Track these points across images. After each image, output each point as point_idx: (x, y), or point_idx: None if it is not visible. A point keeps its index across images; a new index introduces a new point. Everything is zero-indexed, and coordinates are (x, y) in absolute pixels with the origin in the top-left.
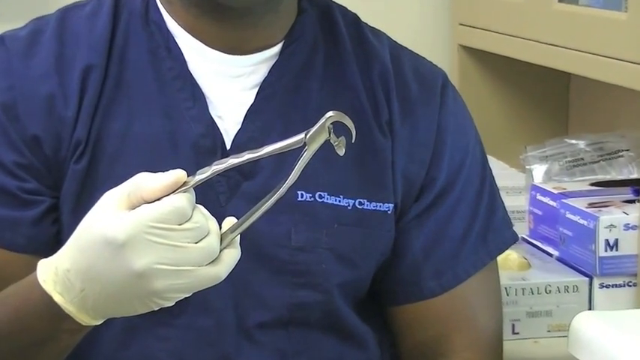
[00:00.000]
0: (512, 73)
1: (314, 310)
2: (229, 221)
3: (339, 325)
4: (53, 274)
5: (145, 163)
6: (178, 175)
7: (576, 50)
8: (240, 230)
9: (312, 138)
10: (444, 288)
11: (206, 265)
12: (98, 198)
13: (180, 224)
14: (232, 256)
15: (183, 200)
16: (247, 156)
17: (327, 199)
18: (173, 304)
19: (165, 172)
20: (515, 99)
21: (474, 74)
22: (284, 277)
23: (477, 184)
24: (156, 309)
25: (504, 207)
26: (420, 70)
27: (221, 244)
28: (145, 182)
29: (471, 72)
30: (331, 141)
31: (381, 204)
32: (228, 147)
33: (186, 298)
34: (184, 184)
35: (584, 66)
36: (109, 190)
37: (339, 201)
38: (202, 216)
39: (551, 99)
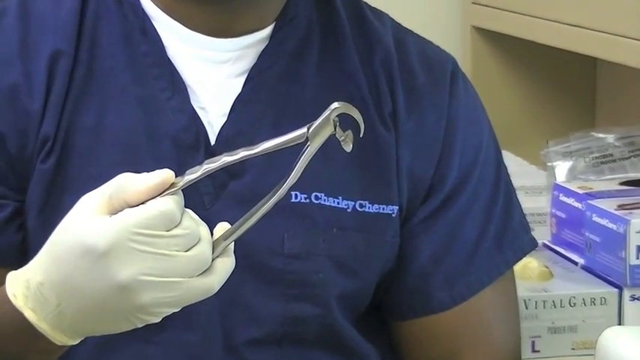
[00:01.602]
0: (531, 58)
1: (310, 325)
2: (222, 227)
3: (338, 342)
4: (24, 287)
5: (120, 161)
6: (165, 175)
7: (604, 32)
8: (234, 237)
9: (316, 132)
10: (455, 300)
11: (197, 275)
12: (68, 201)
13: (168, 230)
14: (226, 265)
15: (170, 204)
16: (242, 153)
17: (325, 200)
18: (159, 320)
19: (151, 173)
20: (535, 87)
21: (489, 59)
22: (276, 288)
23: (491, 183)
24: (140, 326)
25: (521, 209)
26: (427, 56)
27: (213, 252)
28: (128, 184)
29: (486, 57)
30: (337, 136)
31: (385, 206)
32: (212, 142)
33: None
34: (172, 185)
35: (612, 50)
36: (79, 191)
37: (338, 202)
38: (192, 221)
39: (575, 87)
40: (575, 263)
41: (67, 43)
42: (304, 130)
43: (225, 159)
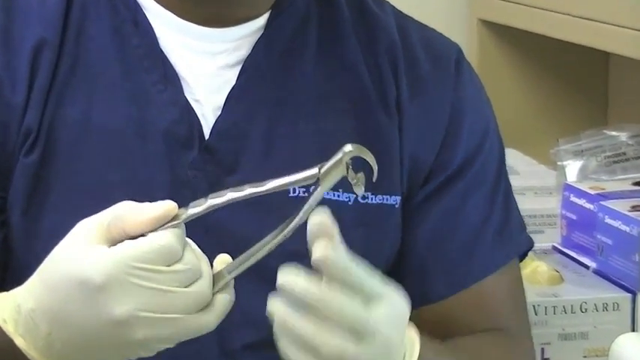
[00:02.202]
0: (540, 53)
1: None
2: (222, 260)
3: None
4: (15, 312)
5: (108, 157)
6: (168, 207)
7: (617, 25)
8: (236, 273)
9: (327, 173)
10: (454, 288)
11: (195, 312)
12: (53, 198)
13: (168, 265)
14: (225, 302)
15: (171, 238)
16: (249, 190)
17: (324, 193)
18: (154, 354)
19: (153, 203)
20: (544, 83)
21: (496, 54)
22: (274, 289)
23: (493, 175)
24: (134, 358)
25: (518, 209)
26: (431, 43)
27: (213, 286)
28: (127, 213)
29: (493, 51)
30: (349, 178)
31: (388, 196)
32: (206, 136)
33: None
34: (175, 217)
35: (626, 44)
36: (65, 188)
37: (338, 196)
38: (194, 256)
39: (587, 83)
40: (587, 267)
41: (51, 34)
42: (315, 170)
43: (231, 195)
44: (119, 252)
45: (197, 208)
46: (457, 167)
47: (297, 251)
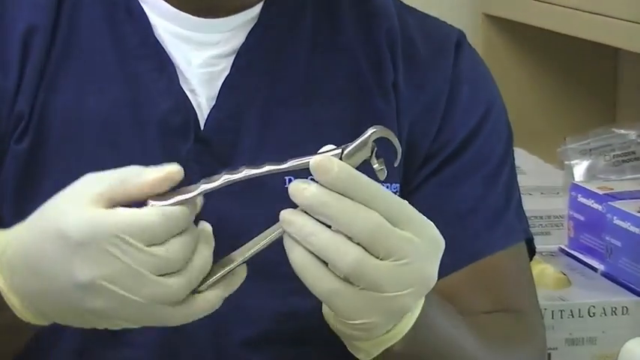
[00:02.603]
0: (547, 48)
1: (309, 322)
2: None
3: (338, 340)
4: (0, 253)
5: (101, 145)
6: (170, 169)
7: (626, 20)
8: (229, 269)
9: (350, 155)
10: (450, 267)
11: (161, 304)
12: (46, 186)
13: (148, 245)
14: (202, 306)
15: (154, 217)
16: (267, 167)
17: None
18: (118, 329)
19: (158, 167)
20: (551, 80)
21: (502, 49)
22: (271, 282)
23: (497, 157)
24: (99, 328)
25: (520, 198)
26: (431, 27)
27: (207, 279)
28: (130, 176)
29: (498, 47)
30: (371, 162)
31: (388, 185)
32: (202, 126)
33: None
34: (182, 191)
35: (635, 40)
36: (58, 176)
37: None
38: (182, 248)
39: (595, 80)
40: (595, 270)
41: (43, 19)
42: (338, 151)
43: (248, 171)
44: (105, 216)
45: (211, 184)
46: (453, 151)
47: None
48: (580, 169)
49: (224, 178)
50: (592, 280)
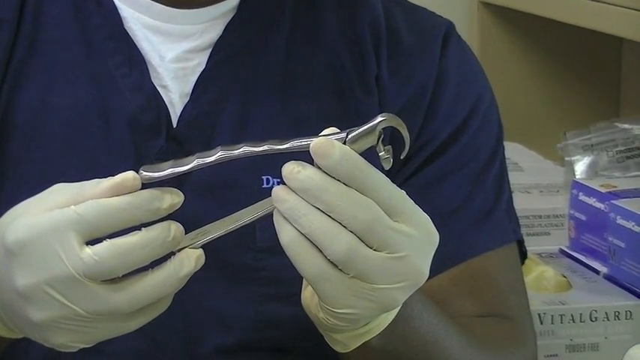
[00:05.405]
0: (547, 38)
1: (287, 329)
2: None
3: (317, 347)
4: None
5: (68, 143)
6: (125, 177)
7: (630, 9)
8: (213, 237)
9: (354, 140)
10: (438, 266)
11: (96, 315)
12: (9, 188)
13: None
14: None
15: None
16: (267, 146)
17: None
18: (72, 350)
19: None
20: (551, 71)
21: (499, 39)
22: (247, 288)
23: (486, 154)
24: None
25: (511, 197)
26: (418, 18)
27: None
28: (89, 185)
29: (495, 36)
30: (377, 149)
31: None
32: (174, 124)
33: None
34: (178, 163)
35: None
36: (21, 177)
37: None
38: (111, 252)
39: (597, 71)
40: (597, 272)
41: (7, 12)
42: (343, 135)
43: (246, 149)
44: (52, 216)
45: (207, 159)
46: (436, 148)
47: (271, 248)
48: (581, 166)
49: (220, 154)
50: (594, 283)
